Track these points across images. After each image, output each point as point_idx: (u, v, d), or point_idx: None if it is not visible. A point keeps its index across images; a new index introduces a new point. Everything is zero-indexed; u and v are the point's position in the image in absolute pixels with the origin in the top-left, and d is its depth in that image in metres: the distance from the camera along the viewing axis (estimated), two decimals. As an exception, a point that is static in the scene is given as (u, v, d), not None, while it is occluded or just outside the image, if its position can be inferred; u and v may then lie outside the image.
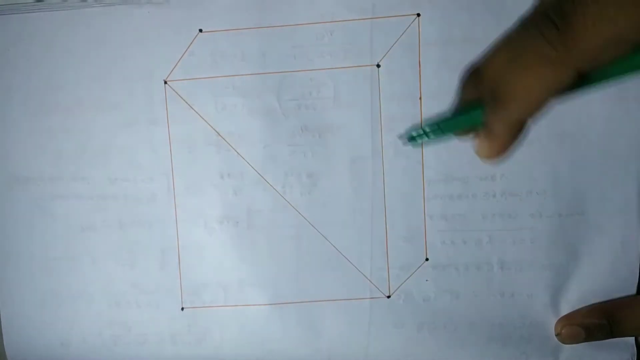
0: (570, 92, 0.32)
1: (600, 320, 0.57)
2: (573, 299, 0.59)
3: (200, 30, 0.59)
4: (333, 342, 0.62)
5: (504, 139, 0.35)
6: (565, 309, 0.59)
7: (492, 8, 0.57)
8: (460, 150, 0.58)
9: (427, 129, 0.37)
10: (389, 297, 0.61)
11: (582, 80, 0.31)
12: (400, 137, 0.43)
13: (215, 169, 0.61)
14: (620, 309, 0.58)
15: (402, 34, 0.58)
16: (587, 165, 0.58)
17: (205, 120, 0.60)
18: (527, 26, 0.31)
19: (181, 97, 0.60)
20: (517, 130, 0.35)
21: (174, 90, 0.60)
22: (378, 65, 0.59)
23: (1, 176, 0.62)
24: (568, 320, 0.58)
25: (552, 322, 0.60)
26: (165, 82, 0.60)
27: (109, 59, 0.60)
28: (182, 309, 0.62)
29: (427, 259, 0.60)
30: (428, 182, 0.59)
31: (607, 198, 0.58)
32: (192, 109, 0.60)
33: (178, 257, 0.62)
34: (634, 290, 0.58)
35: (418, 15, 0.58)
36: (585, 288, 0.59)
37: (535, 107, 0.33)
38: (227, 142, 0.60)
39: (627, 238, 0.58)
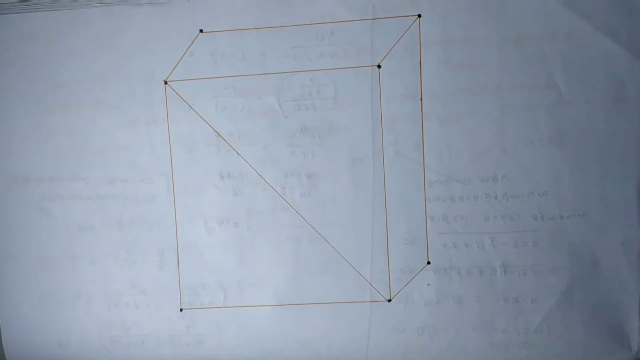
0: None
1: None
2: (577, 303, 0.59)
3: (201, 31, 0.59)
4: (332, 345, 0.61)
5: None
6: (570, 313, 0.59)
7: (492, 9, 0.57)
8: (461, 151, 0.58)
9: None
10: (389, 300, 0.60)
11: None
12: None
13: (215, 170, 0.61)
14: None
15: (403, 34, 0.58)
16: (587, 166, 0.57)
17: (205, 121, 0.60)
18: None
19: (181, 98, 0.60)
20: None
21: (174, 90, 0.60)
22: (379, 66, 0.58)
23: (1, 176, 0.63)
24: None
25: (556, 327, 0.59)
26: (166, 82, 0.60)
27: (109, 59, 0.60)
28: (181, 310, 0.62)
29: (428, 262, 0.60)
30: (429, 184, 0.59)
31: (607, 199, 0.57)
32: (192, 109, 0.60)
33: (177, 258, 0.62)
34: (637, 291, 0.58)
35: (419, 16, 0.58)
36: (589, 290, 0.58)
37: None
38: (227, 143, 0.60)
39: (628, 238, 0.58)
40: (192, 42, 0.60)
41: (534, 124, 0.57)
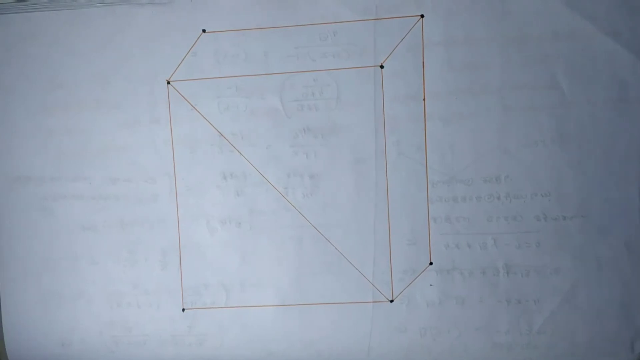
0: None
1: None
2: (580, 304, 0.58)
3: (204, 31, 0.59)
4: (334, 345, 0.61)
5: None
6: (573, 314, 0.59)
7: (494, 9, 0.57)
8: (464, 151, 0.58)
9: None
10: (392, 301, 0.60)
11: None
12: None
13: (218, 170, 0.61)
14: None
15: (406, 35, 0.58)
16: (590, 167, 0.57)
17: (207, 121, 0.60)
18: None
19: (184, 98, 0.60)
20: None
21: (176, 90, 0.60)
22: (382, 66, 0.58)
23: (2, 176, 0.63)
24: None
25: (559, 328, 0.59)
26: (168, 82, 0.60)
27: (111, 59, 0.61)
28: (183, 310, 0.62)
29: (431, 263, 0.60)
30: (432, 184, 0.59)
31: (610, 199, 0.57)
32: (195, 109, 0.60)
33: (179, 258, 0.62)
34: (640, 292, 0.58)
35: (422, 16, 0.58)
36: (592, 291, 0.58)
37: None
38: (230, 143, 0.60)
39: (631, 239, 0.57)
40: (195, 42, 0.60)
41: (537, 124, 0.57)
